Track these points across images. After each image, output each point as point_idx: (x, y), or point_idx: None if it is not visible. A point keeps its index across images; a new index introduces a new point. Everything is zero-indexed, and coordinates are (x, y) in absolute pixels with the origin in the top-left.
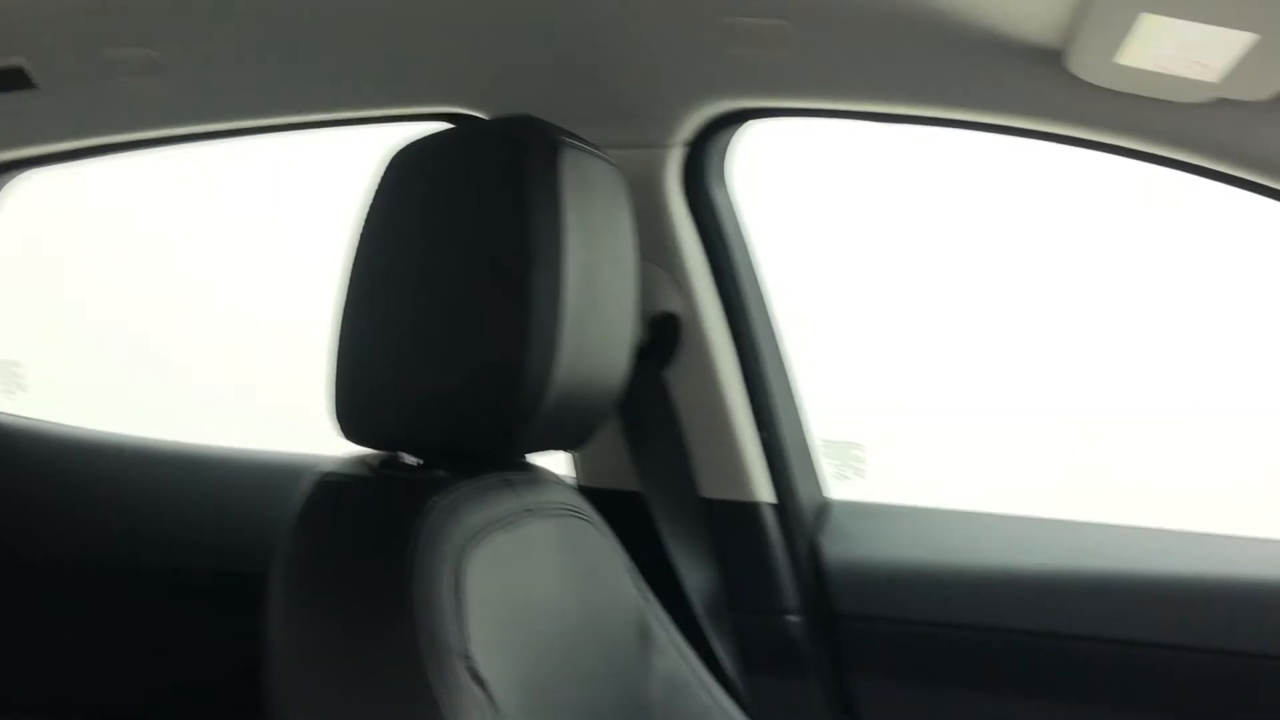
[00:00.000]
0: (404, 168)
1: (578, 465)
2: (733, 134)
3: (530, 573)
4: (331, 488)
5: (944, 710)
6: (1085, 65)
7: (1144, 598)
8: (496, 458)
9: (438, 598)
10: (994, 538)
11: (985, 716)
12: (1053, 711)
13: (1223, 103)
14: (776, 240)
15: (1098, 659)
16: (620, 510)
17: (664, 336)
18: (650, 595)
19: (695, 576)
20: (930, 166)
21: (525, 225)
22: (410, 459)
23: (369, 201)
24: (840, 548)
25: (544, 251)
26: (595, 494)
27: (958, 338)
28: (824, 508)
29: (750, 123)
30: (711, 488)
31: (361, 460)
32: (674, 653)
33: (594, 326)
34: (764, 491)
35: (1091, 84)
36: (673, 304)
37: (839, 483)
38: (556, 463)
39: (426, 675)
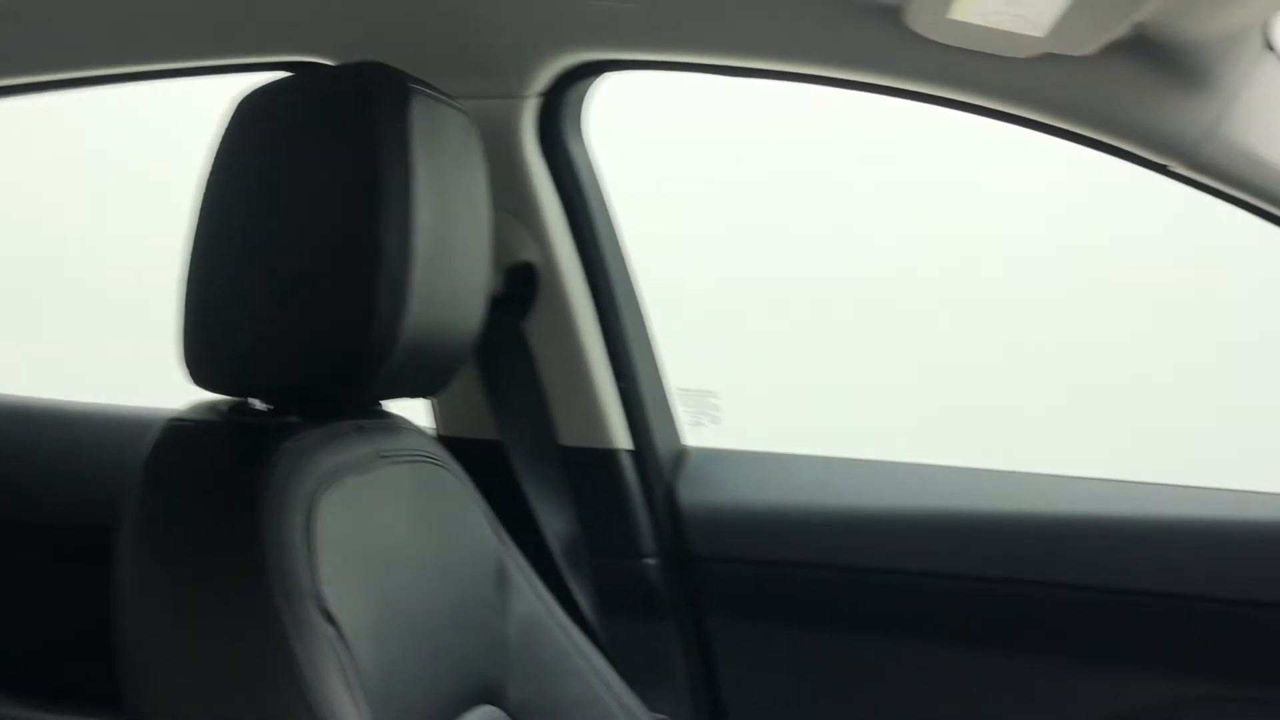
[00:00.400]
0: (250, 113)
1: (436, 414)
2: (588, 85)
3: (383, 516)
4: (180, 434)
5: (798, 646)
6: (921, 20)
7: (985, 534)
8: (350, 404)
9: (288, 540)
10: (845, 480)
11: (839, 652)
12: (903, 646)
13: (1050, 57)
14: (626, 188)
15: (942, 594)
16: (479, 459)
17: (521, 286)
18: (508, 540)
19: (554, 523)
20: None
21: (374, 170)
22: (261, 405)
23: (215, 147)
24: (697, 493)
25: (393, 196)
26: (454, 443)
27: (810, 288)
28: (681, 454)
29: (606, 74)
30: (570, 436)
31: (211, 406)
32: (531, 595)
33: (446, 272)
34: (622, 439)
35: (928, 39)
36: (529, 254)
37: (695, 430)
38: (416, 414)
39: (278, 616)
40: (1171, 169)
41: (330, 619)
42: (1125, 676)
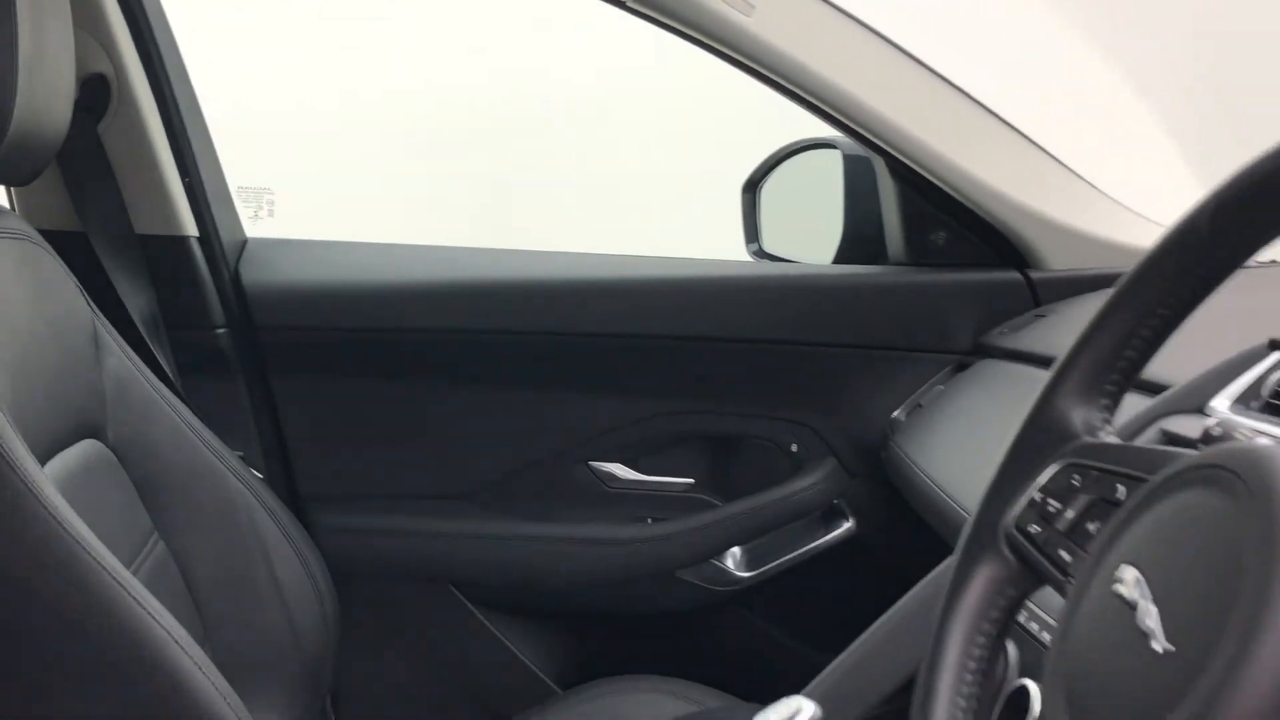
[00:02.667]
0: None
1: (21, 210)
2: None
3: None
4: None
5: (348, 393)
6: None
7: (491, 299)
8: None
9: None
10: (384, 261)
11: (383, 397)
12: (438, 389)
13: None
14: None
15: (464, 346)
16: (65, 247)
17: (95, 95)
18: (98, 311)
19: (135, 301)
20: None
21: None
22: None
23: None
24: (259, 274)
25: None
26: (42, 234)
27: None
28: (244, 243)
29: None
30: (144, 225)
31: None
32: (121, 354)
33: (42, 75)
34: (190, 228)
35: None
36: (101, 66)
37: (255, 222)
38: None
39: None
40: (628, 4)
41: None
42: (614, 400)
